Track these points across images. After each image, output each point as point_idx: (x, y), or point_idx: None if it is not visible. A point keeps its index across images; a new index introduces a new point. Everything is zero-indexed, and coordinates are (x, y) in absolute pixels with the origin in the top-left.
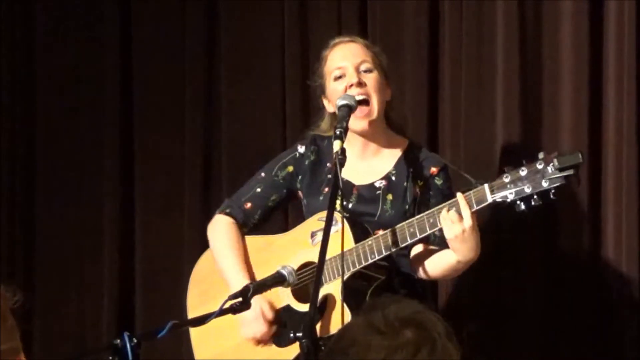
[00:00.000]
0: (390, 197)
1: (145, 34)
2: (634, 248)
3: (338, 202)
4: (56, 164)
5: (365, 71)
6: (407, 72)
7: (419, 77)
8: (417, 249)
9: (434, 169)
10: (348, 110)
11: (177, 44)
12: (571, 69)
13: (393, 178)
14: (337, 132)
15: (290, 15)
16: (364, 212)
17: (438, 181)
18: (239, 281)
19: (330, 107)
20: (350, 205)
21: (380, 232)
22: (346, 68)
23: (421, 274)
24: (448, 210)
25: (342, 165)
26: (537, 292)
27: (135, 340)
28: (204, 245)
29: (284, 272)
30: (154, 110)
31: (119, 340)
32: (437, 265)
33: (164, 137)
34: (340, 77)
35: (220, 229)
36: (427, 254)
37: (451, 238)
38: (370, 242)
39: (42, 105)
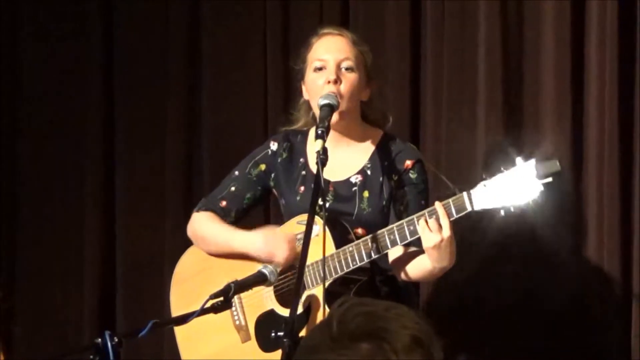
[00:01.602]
0: (366, 194)
1: (127, 32)
2: (615, 248)
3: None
4: (38, 166)
5: (346, 69)
6: (389, 72)
7: (400, 78)
8: (397, 251)
9: (408, 163)
10: (330, 110)
11: (160, 44)
12: (553, 69)
13: (368, 172)
14: (319, 132)
15: (272, 15)
16: (342, 211)
17: (412, 175)
18: (246, 239)
19: (306, 94)
20: (327, 204)
21: (359, 230)
22: (327, 62)
23: (401, 276)
24: (427, 219)
25: (323, 164)
26: (518, 293)
27: (116, 339)
28: (186, 244)
29: (265, 271)
30: (135, 106)
31: (100, 339)
32: (415, 269)
33: (145, 137)
34: (320, 69)
35: (204, 219)
36: (405, 257)
37: (429, 247)
38: (351, 249)
39: (26, 108)
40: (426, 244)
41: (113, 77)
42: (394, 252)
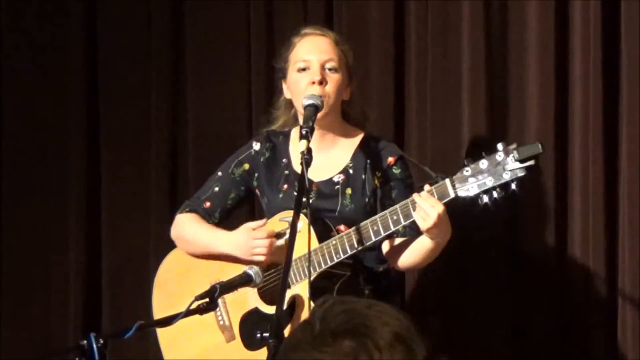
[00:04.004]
0: (349, 191)
1: (111, 31)
2: (600, 246)
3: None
4: (21, 164)
5: (330, 69)
6: (373, 70)
7: (384, 76)
8: (390, 243)
9: (390, 159)
10: (314, 110)
11: (143, 42)
12: (537, 67)
13: (351, 171)
14: (303, 132)
15: (256, 14)
16: (324, 208)
17: (396, 170)
18: (226, 238)
19: (287, 93)
20: (310, 202)
21: (342, 227)
22: (311, 62)
23: (400, 264)
24: (414, 207)
25: (308, 165)
26: (503, 292)
27: (101, 341)
28: (170, 245)
29: (251, 272)
30: (119, 109)
31: (85, 341)
32: (415, 253)
33: (130, 136)
34: (304, 70)
35: (186, 220)
36: (401, 245)
37: (429, 228)
38: (334, 242)
39: (7, 103)
40: (424, 226)
41: (97, 78)
42: (389, 245)
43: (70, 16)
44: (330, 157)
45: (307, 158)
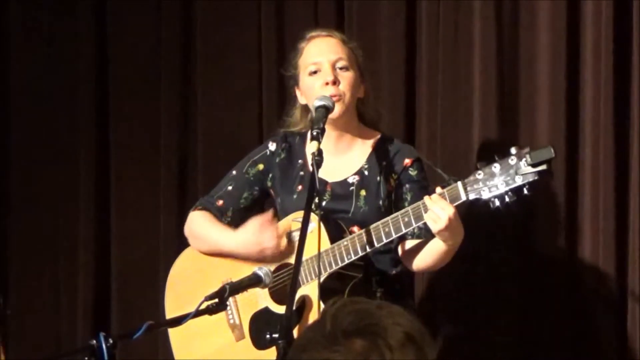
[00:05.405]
0: (363, 192)
1: (120, 32)
2: (611, 248)
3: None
4: (30, 165)
5: (341, 68)
6: (384, 70)
7: (395, 76)
8: (406, 245)
9: (407, 161)
10: (325, 111)
11: (153, 42)
12: (548, 68)
13: (366, 173)
14: (314, 134)
15: (266, 14)
16: (338, 209)
17: (412, 172)
18: (232, 237)
19: (302, 99)
20: (324, 203)
21: (355, 229)
22: (322, 64)
23: (414, 267)
24: (425, 209)
25: (319, 166)
26: (513, 293)
27: (111, 341)
28: (180, 245)
29: (260, 273)
30: (129, 109)
31: (95, 341)
32: (428, 255)
33: (139, 136)
34: (315, 72)
35: (199, 217)
36: (416, 247)
37: (440, 230)
38: (345, 243)
39: (17, 104)
40: (435, 229)
41: (106, 79)
42: (405, 247)
43: (80, 20)
44: (346, 158)
45: (318, 159)
